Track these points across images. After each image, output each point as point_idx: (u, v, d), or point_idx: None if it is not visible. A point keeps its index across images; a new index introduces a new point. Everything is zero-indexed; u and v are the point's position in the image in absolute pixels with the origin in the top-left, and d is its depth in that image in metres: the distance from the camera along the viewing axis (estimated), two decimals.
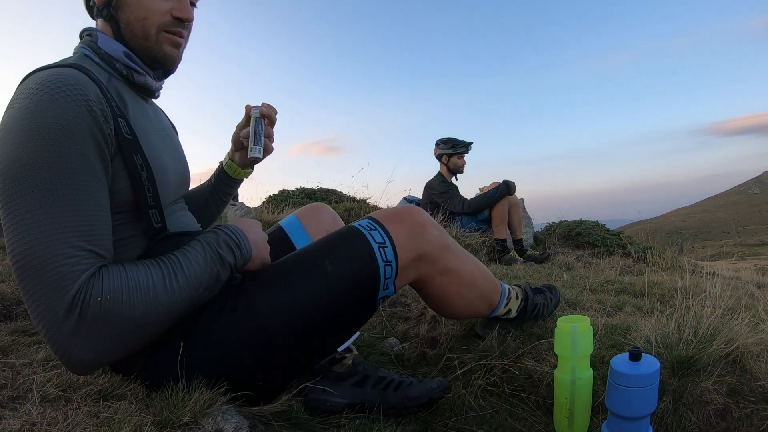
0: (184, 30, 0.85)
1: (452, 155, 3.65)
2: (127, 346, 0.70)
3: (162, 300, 0.70)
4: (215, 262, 0.77)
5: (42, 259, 0.63)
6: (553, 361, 1.17)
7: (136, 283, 0.69)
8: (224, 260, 0.79)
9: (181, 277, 0.73)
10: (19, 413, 0.65)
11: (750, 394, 0.97)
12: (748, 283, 2.43)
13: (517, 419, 1.07)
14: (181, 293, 0.73)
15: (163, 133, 0.90)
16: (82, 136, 0.67)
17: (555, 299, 1.37)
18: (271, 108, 0.99)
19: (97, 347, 0.66)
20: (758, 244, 41.08)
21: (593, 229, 4.61)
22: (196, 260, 0.76)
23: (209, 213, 1.14)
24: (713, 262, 4.14)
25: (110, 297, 0.66)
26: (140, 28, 0.81)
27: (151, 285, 0.70)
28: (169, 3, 0.82)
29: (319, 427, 0.90)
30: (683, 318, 1.12)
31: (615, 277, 2.36)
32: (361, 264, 0.86)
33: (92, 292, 0.65)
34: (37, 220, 0.63)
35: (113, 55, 0.81)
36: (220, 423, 0.71)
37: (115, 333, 0.67)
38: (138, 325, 0.69)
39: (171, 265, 0.73)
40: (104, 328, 0.66)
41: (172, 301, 0.71)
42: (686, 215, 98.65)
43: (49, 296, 0.63)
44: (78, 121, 0.66)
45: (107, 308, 0.65)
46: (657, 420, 0.98)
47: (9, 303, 1.20)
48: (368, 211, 3.69)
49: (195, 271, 0.75)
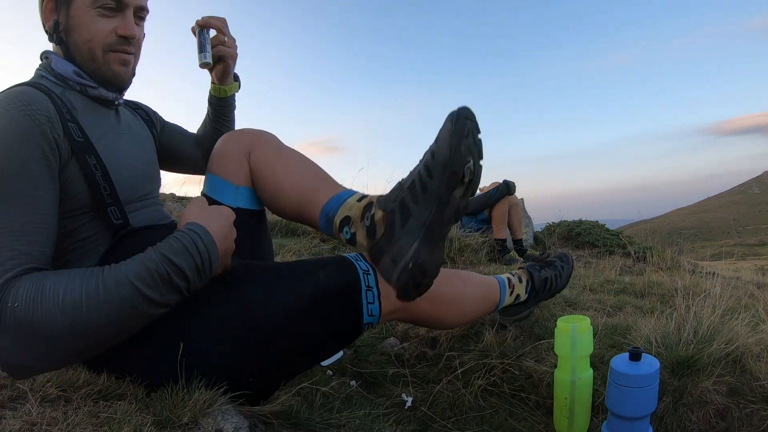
0: (130, 47, 0.86)
1: None
2: (57, 356, 0.68)
3: (75, 313, 0.65)
4: (159, 273, 0.69)
5: None
6: (553, 361, 1.17)
7: (51, 292, 0.65)
8: (179, 269, 0.70)
9: (102, 288, 0.66)
10: (19, 413, 0.65)
11: (750, 394, 0.97)
12: (748, 283, 2.43)
13: (517, 419, 1.07)
14: (104, 305, 0.66)
15: (129, 136, 0.94)
16: (23, 143, 0.70)
17: (568, 267, 1.34)
18: (210, 18, 1.05)
19: (26, 354, 0.65)
20: (758, 244, 41.09)
21: (593, 229, 4.62)
22: (127, 271, 0.68)
23: None
24: (713, 262, 4.14)
25: (18, 305, 0.63)
26: (87, 50, 0.83)
27: (62, 295, 0.65)
28: (112, 22, 0.83)
29: (319, 427, 0.90)
30: (683, 318, 1.12)
31: (615, 277, 2.37)
32: (347, 280, 0.87)
33: (6, 298, 0.64)
34: None
35: (65, 75, 0.84)
36: (220, 423, 0.71)
37: (34, 343, 0.65)
38: (54, 336, 0.64)
39: (95, 276, 0.68)
40: (23, 335, 0.64)
41: (90, 314, 0.65)
42: (686, 215, 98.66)
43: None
44: (21, 129, 0.70)
45: (17, 316, 0.63)
46: (657, 420, 0.98)
47: None
48: None
49: (123, 282, 0.67)
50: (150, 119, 1.07)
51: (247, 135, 1.01)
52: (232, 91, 1.17)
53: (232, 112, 1.19)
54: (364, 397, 1.11)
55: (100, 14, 0.82)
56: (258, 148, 0.98)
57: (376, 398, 1.13)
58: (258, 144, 0.99)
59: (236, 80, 1.18)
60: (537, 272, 1.26)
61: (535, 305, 1.32)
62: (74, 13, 0.82)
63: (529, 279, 1.25)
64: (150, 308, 0.70)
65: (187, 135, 1.19)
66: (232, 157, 0.98)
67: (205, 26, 1.04)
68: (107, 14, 0.83)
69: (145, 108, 1.09)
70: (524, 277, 1.25)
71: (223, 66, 1.11)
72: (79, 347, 0.68)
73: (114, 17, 0.83)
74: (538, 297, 1.28)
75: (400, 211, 0.81)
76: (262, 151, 0.98)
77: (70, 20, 0.82)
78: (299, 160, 0.98)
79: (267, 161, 0.97)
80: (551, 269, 1.29)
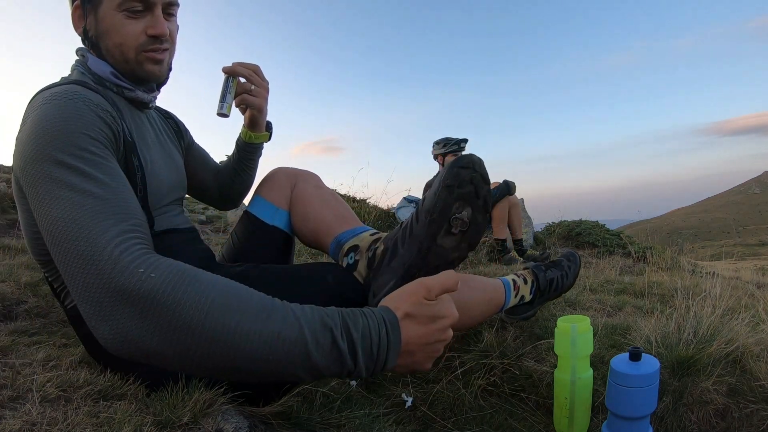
0: (162, 45, 0.85)
1: (446, 154, 3.67)
2: (186, 354, 0.54)
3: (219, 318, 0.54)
4: (333, 336, 0.56)
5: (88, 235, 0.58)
6: (553, 361, 1.17)
7: (203, 284, 0.56)
8: (342, 355, 0.56)
9: (266, 314, 0.55)
10: (19, 413, 0.64)
11: (750, 394, 0.97)
12: (748, 283, 2.43)
13: (517, 419, 1.07)
14: (259, 333, 0.54)
15: (159, 145, 0.94)
16: (90, 128, 0.68)
17: (575, 267, 1.33)
18: (237, 65, 1.01)
19: (154, 336, 0.54)
20: (758, 244, 41.09)
21: (593, 229, 4.62)
22: (301, 312, 0.57)
23: (241, 181, 1.18)
24: (713, 262, 4.14)
25: (156, 276, 0.55)
26: (119, 54, 0.82)
27: (213, 295, 0.55)
28: (141, 23, 0.82)
29: (319, 427, 0.90)
30: (683, 318, 1.12)
31: (615, 277, 2.36)
32: (354, 284, 0.89)
33: (138, 263, 0.56)
34: (80, 202, 0.60)
35: (102, 75, 0.84)
36: (220, 423, 0.71)
37: (164, 324, 0.53)
38: (186, 330, 0.53)
39: (263, 301, 0.58)
40: (153, 311, 0.54)
41: (237, 337, 0.53)
42: (686, 215, 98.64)
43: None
44: (90, 118, 0.69)
45: (152, 286, 0.54)
46: (657, 420, 0.98)
47: (9, 303, 1.20)
48: (368, 211, 3.69)
49: (291, 321, 0.56)
50: (179, 131, 1.07)
51: (295, 170, 1.15)
52: (259, 140, 1.13)
53: (256, 159, 1.16)
54: (364, 397, 1.11)
55: (128, 16, 0.81)
56: (302, 182, 1.11)
57: (376, 398, 1.13)
58: (302, 179, 1.12)
59: (268, 129, 1.14)
60: (542, 273, 1.26)
61: (540, 305, 1.32)
62: (102, 18, 0.81)
63: (534, 280, 1.25)
64: (303, 368, 0.56)
65: (210, 164, 1.17)
66: (279, 184, 1.11)
67: (230, 74, 0.99)
68: (135, 15, 0.81)
69: (176, 119, 1.09)
70: (529, 278, 1.25)
71: (249, 115, 1.07)
72: (202, 354, 0.54)
73: (142, 17, 0.82)
74: (543, 297, 1.28)
75: (391, 249, 0.86)
76: (304, 186, 1.10)
77: (99, 25, 0.82)
78: (332, 198, 1.10)
79: (306, 194, 1.09)
80: (557, 269, 1.29)
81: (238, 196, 1.23)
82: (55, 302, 1.26)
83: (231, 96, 0.99)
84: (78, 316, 0.81)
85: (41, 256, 0.81)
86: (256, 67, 1.03)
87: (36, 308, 1.21)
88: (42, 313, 1.21)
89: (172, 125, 1.05)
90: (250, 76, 1.02)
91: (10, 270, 1.35)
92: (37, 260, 0.82)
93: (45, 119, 0.66)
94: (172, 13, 0.87)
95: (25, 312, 1.19)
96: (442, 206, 0.76)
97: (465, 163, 0.77)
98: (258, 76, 1.03)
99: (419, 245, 0.80)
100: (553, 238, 4.51)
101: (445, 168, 0.79)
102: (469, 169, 0.76)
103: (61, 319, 1.20)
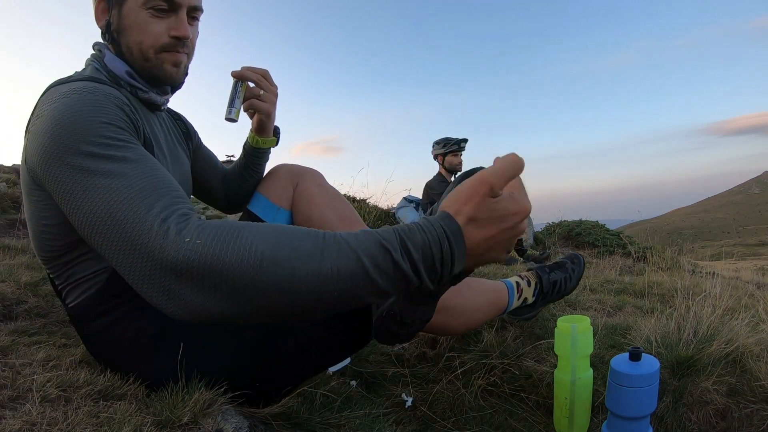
0: (183, 48, 0.84)
1: (446, 154, 3.67)
2: (246, 309, 0.53)
3: (273, 270, 0.52)
4: (394, 258, 0.53)
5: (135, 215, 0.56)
6: (553, 361, 1.17)
7: (248, 240, 0.53)
8: (406, 275, 0.53)
9: (321, 250, 0.53)
10: (19, 413, 0.64)
11: (750, 394, 0.97)
12: (748, 283, 2.43)
13: (517, 419, 1.07)
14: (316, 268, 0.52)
15: (168, 148, 0.93)
16: (117, 120, 0.68)
17: (579, 269, 1.33)
18: (246, 69, 0.99)
19: (213, 300, 0.53)
20: (758, 244, 41.06)
21: (593, 229, 4.62)
22: (356, 242, 0.54)
23: (248, 185, 1.16)
24: (713, 262, 4.14)
25: (202, 243, 0.53)
26: (139, 51, 0.81)
27: (262, 248, 0.52)
28: (165, 23, 0.81)
29: (319, 427, 0.90)
30: (683, 318, 1.12)
31: (615, 277, 2.37)
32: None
33: (184, 232, 0.54)
34: (116, 186, 0.59)
35: (117, 74, 0.83)
36: (220, 423, 0.71)
37: (221, 287, 0.52)
38: (242, 288, 0.52)
39: (312, 237, 0.55)
40: (207, 278, 0.52)
41: (294, 279, 0.52)
42: (686, 215, 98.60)
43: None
44: (113, 110, 0.68)
45: (201, 253, 0.52)
46: (657, 420, 0.98)
47: (9, 303, 1.20)
48: (368, 211, 3.69)
49: (347, 252, 0.53)
50: (188, 133, 1.06)
51: (298, 168, 1.12)
52: (266, 145, 1.11)
53: (263, 164, 1.15)
54: (364, 397, 1.11)
55: (152, 15, 0.79)
56: (304, 181, 1.09)
57: (376, 398, 1.13)
58: (305, 177, 1.09)
59: (276, 134, 1.13)
60: (546, 275, 1.26)
61: (543, 306, 1.32)
62: (126, 14, 0.80)
63: (538, 282, 1.25)
64: (371, 294, 0.54)
65: (217, 168, 1.16)
66: (281, 183, 1.09)
67: (239, 78, 0.98)
68: (159, 15, 0.80)
69: (185, 121, 1.07)
70: (533, 280, 1.25)
71: (257, 119, 1.06)
72: (269, 306, 0.54)
73: (167, 18, 0.81)
74: (546, 299, 1.28)
75: None
76: (306, 185, 1.08)
77: (122, 21, 0.81)
78: (336, 199, 1.08)
79: (308, 193, 1.07)
80: (561, 271, 1.29)
81: (244, 201, 1.22)
82: (55, 302, 1.26)
83: (240, 101, 0.97)
84: (80, 315, 0.81)
85: (46, 252, 0.79)
86: (265, 71, 1.02)
87: (36, 308, 1.21)
88: (42, 313, 1.21)
89: (180, 127, 1.04)
90: (259, 81, 1.00)
91: (10, 270, 1.35)
92: (41, 256, 0.81)
93: (66, 111, 0.65)
94: (196, 18, 0.86)
95: (25, 312, 1.19)
96: None
97: (472, 173, 0.77)
98: (267, 81, 1.02)
99: None
100: (553, 238, 4.51)
101: (455, 180, 0.81)
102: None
103: (61, 319, 1.20)
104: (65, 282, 0.81)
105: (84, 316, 0.81)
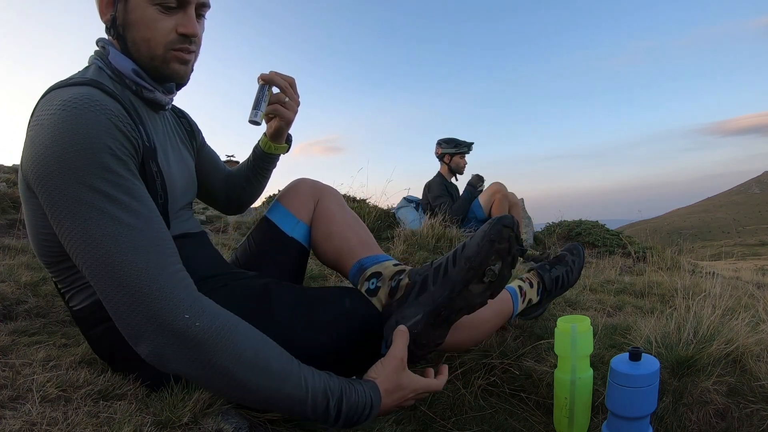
0: (191, 45, 0.82)
1: (454, 155, 3.66)
2: (211, 384, 0.69)
3: (250, 373, 0.67)
4: (327, 404, 0.71)
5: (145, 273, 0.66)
6: (553, 361, 1.17)
7: (242, 340, 0.68)
8: (328, 418, 0.72)
9: (284, 373, 0.70)
10: (19, 413, 0.65)
11: (750, 394, 0.97)
12: (748, 283, 2.43)
13: (517, 419, 1.07)
14: (275, 384, 0.69)
15: (173, 147, 0.92)
16: (117, 147, 0.69)
17: (579, 260, 1.34)
18: (275, 74, 0.98)
19: (181, 365, 0.66)
20: (758, 244, 41.08)
21: (593, 229, 4.61)
22: (313, 379, 0.71)
23: (251, 189, 1.17)
24: (713, 262, 4.14)
25: (200, 326, 0.65)
26: (146, 48, 0.79)
27: (249, 353, 0.68)
28: (173, 20, 0.79)
29: (319, 428, 0.90)
30: (683, 318, 1.12)
31: (615, 277, 2.37)
32: (370, 310, 0.92)
33: (194, 317, 0.66)
34: (118, 233, 0.65)
35: (123, 72, 0.81)
36: (220, 423, 0.71)
37: (197, 363, 0.66)
38: (221, 376, 0.67)
39: (287, 360, 0.72)
40: (191, 354, 0.66)
41: (259, 380, 0.68)
42: (686, 215, 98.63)
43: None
44: (112, 133, 0.68)
45: (196, 334, 0.65)
46: (657, 420, 0.98)
47: (9, 303, 1.20)
48: (368, 211, 3.69)
49: (300, 384, 0.70)
50: (192, 131, 1.05)
51: (320, 184, 1.16)
52: (278, 152, 1.12)
53: (271, 169, 1.16)
54: None
55: (160, 11, 0.77)
56: (327, 197, 1.12)
57: None
58: (327, 194, 1.13)
59: (288, 142, 1.13)
60: (547, 273, 1.25)
61: (548, 303, 1.33)
62: (133, 9, 0.77)
63: (540, 281, 1.25)
64: (299, 415, 0.72)
65: (219, 168, 1.15)
66: (303, 197, 1.11)
67: (268, 82, 0.97)
68: (167, 12, 0.78)
69: (189, 119, 1.06)
70: (535, 281, 1.24)
71: (277, 125, 1.06)
72: (227, 390, 0.69)
73: (174, 14, 0.78)
74: (551, 296, 1.28)
75: (420, 284, 0.89)
76: (329, 201, 1.12)
77: (128, 16, 0.78)
78: (356, 221, 1.12)
79: (331, 211, 1.10)
80: (562, 266, 1.29)
81: (245, 204, 1.21)
82: (55, 302, 1.26)
83: (265, 104, 0.96)
84: (86, 317, 0.81)
85: (48, 258, 0.78)
86: (292, 79, 1.01)
87: (36, 308, 1.21)
88: (42, 313, 1.21)
89: (185, 125, 1.03)
90: (285, 89, 0.99)
91: (10, 270, 1.35)
92: (44, 261, 0.80)
93: (66, 132, 0.65)
94: (202, 15, 0.85)
95: (25, 312, 1.19)
96: (483, 257, 0.83)
97: (508, 223, 0.84)
98: (292, 89, 1.01)
99: (452, 287, 0.85)
100: (553, 238, 4.51)
101: (490, 223, 0.85)
102: (509, 228, 0.84)
103: (61, 319, 1.20)
104: (69, 286, 0.81)
105: (89, 318, 0.81)
